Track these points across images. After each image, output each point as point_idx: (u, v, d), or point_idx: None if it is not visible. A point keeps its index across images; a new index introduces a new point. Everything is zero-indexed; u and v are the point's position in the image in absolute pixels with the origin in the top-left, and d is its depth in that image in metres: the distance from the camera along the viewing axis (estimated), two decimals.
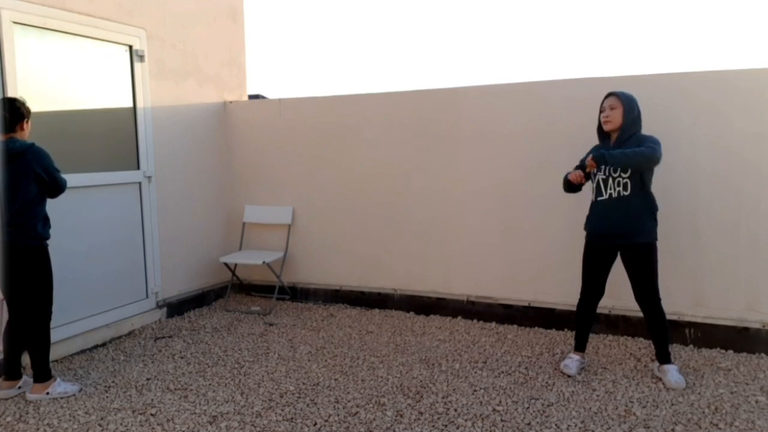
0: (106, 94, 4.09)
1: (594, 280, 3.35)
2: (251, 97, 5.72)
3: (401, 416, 2.86)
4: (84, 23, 3.84)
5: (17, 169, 2.94)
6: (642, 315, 3.27)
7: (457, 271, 4.49)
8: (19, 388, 3.17)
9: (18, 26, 3.45)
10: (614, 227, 3.20)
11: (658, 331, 3.23)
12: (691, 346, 3.77)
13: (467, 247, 4.43)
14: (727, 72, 3.60)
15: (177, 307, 4.68)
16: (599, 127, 3.33)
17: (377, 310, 4.75)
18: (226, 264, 4.93)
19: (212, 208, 5.11)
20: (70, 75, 3.83)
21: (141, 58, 4.28)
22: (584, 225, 3.40)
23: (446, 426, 2.75)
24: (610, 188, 3.18)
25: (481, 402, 3.01)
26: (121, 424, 2.82)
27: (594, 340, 3.89)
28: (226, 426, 2.79)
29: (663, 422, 2.75)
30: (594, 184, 3.29)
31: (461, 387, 3.20)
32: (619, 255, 3.29)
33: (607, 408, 2.92)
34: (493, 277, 4.37)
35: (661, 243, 3.27)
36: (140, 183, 4.34)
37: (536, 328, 4.22)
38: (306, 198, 5.00)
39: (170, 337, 4.14)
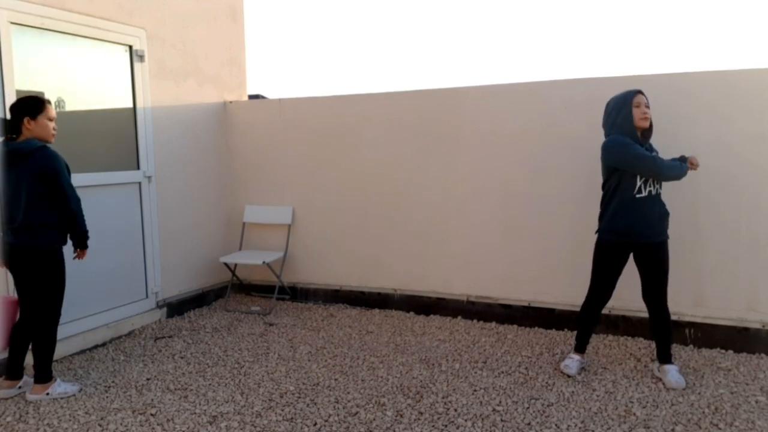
0: (106, 95, 4.09)
1: (607, 283, 3.26)
2: (251, 97, 5.72)
3: (401, 416, 2.86)
4: (84, 23, 3.84)
5: (24, 170, 2.95)
6: (642, 315, 3.27)
7: (457, 271, 4.49)
8: (20, 388, 3.17)
9: (16, 26, 3.44)
10: (649, 224, 3.13)
11: (662, 331, 3.22)
12: (691, 346, 3.77)
13: (467, 247, 4.43)
14: (727, 72, 3.60)
15: (177, 307, 4.68)
16: (621, 124, 3.12)
17: (377, 310, 4.75)
18: (226, 264, 4.93)
19: (212, 208, 5.11)
20: (70, 75, 3.83)
21: (141, 58, 4.29)
22: (605, 224, 3.22)
23: (446, 426, 2.75)
24: (650, 185, 3.12)
25: (481, 402, 3.01)
26: (121, 424, 2.83)
27: (594, 340, 3.89)
28: (226, 426, 2.79)
29: (663, 422, 2.75)
30: (626, 181, 3.10)
31: (461, 387, 3.20)
32: (632, 255, 3.23)
33: (607, 408, 2.92)
34: (493, 277, 4.37)
35: None
36: (140, 183, 4.34)
37: (536, 328, 4.22)
38: (306, 198, 5.00)
39: (170, 337, 4.14)
